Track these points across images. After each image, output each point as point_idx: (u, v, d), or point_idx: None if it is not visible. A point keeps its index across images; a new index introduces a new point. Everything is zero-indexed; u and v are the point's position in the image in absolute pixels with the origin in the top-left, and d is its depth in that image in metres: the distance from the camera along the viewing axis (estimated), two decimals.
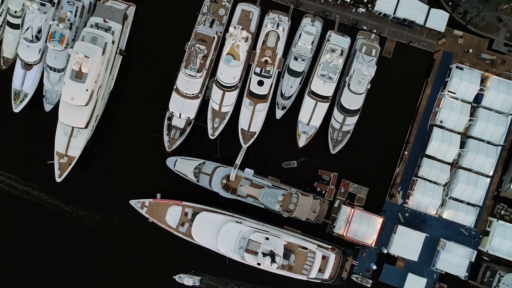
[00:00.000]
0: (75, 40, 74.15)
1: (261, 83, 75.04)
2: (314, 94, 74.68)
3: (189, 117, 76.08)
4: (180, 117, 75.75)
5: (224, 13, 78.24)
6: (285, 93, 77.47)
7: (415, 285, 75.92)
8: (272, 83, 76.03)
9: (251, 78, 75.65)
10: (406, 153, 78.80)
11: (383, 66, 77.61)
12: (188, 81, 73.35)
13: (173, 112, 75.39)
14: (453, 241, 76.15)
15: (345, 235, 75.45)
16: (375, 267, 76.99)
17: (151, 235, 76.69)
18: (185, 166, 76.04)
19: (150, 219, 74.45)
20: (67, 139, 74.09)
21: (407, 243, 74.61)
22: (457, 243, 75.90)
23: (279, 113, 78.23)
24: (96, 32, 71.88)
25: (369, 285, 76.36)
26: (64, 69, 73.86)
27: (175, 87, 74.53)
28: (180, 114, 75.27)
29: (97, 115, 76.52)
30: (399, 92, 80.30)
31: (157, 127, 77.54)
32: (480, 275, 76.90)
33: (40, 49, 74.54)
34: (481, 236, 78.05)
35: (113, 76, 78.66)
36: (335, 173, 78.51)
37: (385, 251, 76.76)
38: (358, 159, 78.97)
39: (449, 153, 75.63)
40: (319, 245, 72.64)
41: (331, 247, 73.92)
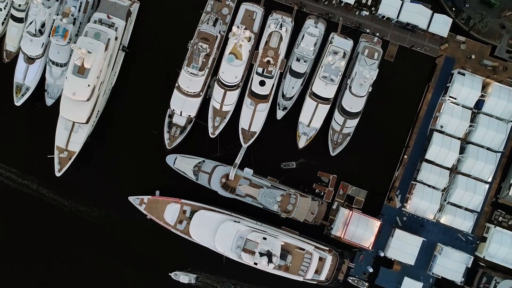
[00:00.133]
0: (78, 35, 74.26)
1: (262, 83, 75.15)
2: (315, 96, 74.78)
3: (190, 115, 76.19)
4: (181, 115, 75.85)
5: (228, 12, 78.37)
6: (286, 94, 77.56)
7: None
8: (273, 84, 76.13)
9: (253, 78, 75.75)
10: (405, 157, 78.90)
11: (385, 70, 77.79)
12: (190, 79, 73.47)
13: (174, 109, 75.49)
14: (450, 246, 76.26)
15: (342, 237, 75.53)
16: (371, 270, 77.10)
17: (149, 232, 76.83)
18: (184, 164, 76.14)
19: (148, 216, 74.56)
20: (67, 133, 74.23)
21: (404, 247, 74.70)
22: (454, 248, 75.98)
23: (280, 114, 78.34)
24: (100, 28, 72.04)
25: None
26: (66, 64, 74.08)
27: (176, 85, 74.65)
28: (181, 112, 75.38)
29: (98, 111, 76.63)
30: (400, 96, 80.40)
31: (157, 124, 77.66)
32: (476, 281, 77.04)
33: (43, 43, 74.69)
34: (478, 242, 78.12)
35: (115, 72, 78.78)
36: (334, 175, 78.64)
37: (382, 254, 76.86)
38: (357, 162, 79.08)
39: (449, 158, 75.74)
40: (316, 247, 72.78)
41: (328, 248, 74.06)
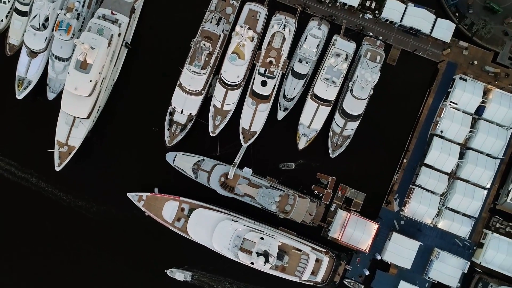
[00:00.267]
0: (81, 31, 74.33)
1: (264, 83, 75.24)
2: (316, 97, 74.86)
3: (190, 113, 76.29)
4: (182, 112, 75.94)
5: (232, 11, 78.48)
6: (287, 95, 77.66)
7: None
8: (275, 84, 76.22)
9: (254, 78, 75.85)
10: (405, 161, 78.98)
11: (387, 73, 77.83)
12: (192, 78, 73.58)
13: (175, 107, 75.60)
14: (447, 251, 76.37)
15: (339, 239, 75.63)
16: (368, 273, 77.18)
17: (147, 228, 76.91)
18: (184, 162, 76.24)
19: (146, 212, 74.69)
20: (68, 128, 74.33)
21: (401, 251, 74.78)
22: (450, 253, 76.07)
23: (280, 114, 78.43)
24: (103, 24, 72.12)
25: None
26: (69, 59, 74.14)
27: (178, 82, 74.74)
28: (182, 110, 75.47)
29: (99, 106, 76.71)
30: (402, 100, 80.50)
31: (158, 121, 77.75)
32: (472, 286, 77.14)
33: (46, 37, 74.76)
34: (475, 248, 78.22)
35: (118, 69, 78.88)
36: (333, 177, 78.73)
37: (378, 257, 76.97)
38: (357, 164, 79.19)
39: (448, 163, 75.85)
40: (313, 248, 72.88)
41: (325, 250, 74.14)
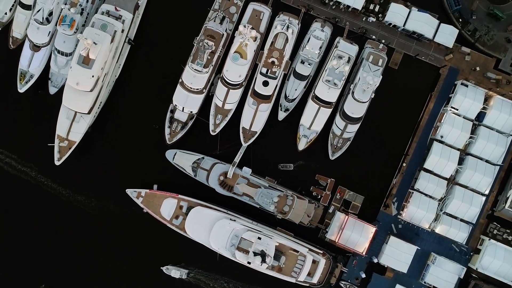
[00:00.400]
0: (85, 26, 74.43)
1: (266, 83, 75.33)
2: (317, 99, 74.95)
3: (191, 112, 76.38)
4: (183, 110, 76.04)
5: (235, 11, 78.57)
6: (289, 96, 77.75)
7: None
8: (277, 85, 76.32)
9: (256, 78, 75.94)
10: (404, 165, 79.06)
11: (389, 77, 77.97)
12: (194, 76, 73.66)
13: (176, 105, 75.68)
14: (444, 256, 76.45)
15: (337, 241, 75.73)
16: (364, 276, 77.26)
17: (145, 225, 76.99)
18: (184, 160, 76.34)
19: (145, 209, 74.76)
20: (69, 123, 74.45)
21: (398, 255, 74.84)
22: (447, 258, 76.17)
23: (281, 115, 78.54)
24: (107, 20, 72.21)
25: None
26: (71, 54, 74.24)
27: (180, 80, 74.83)
28: (183, 107, 75.56)
29: (100, 102, 76.82)
30: (403, 104, 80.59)
31: (159, 118, 77.83)
32: None
33: (49, 31, 74.84)
34: (472, 254, 78.28)
35: (120, 65, 78.98)
36: (332, 179, 78.83)
37: (375, 260, 77.06)
38: (356, 167, 79.28)
39: (447, 168, 75.93)
40: (310, 249, 72.95)
41: (322, 252, 74.22)
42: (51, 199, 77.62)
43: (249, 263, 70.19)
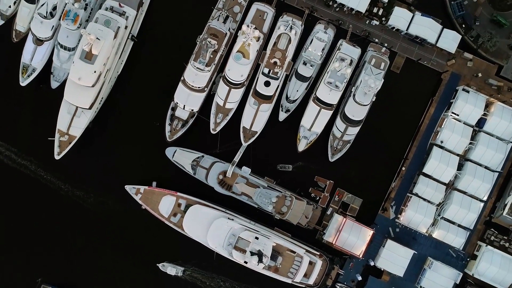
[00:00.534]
0: (88, 21, 74.56)
1: (267, 83, 75.40)
2: (319, 101, 75.02)
3: (192, 110, 76.46)
4: (184, 108, 76.11)
5: (239, 10, 78.62)
6: (290, 97, 77.81)
7: None
8: (278, 85, 76.39)
9: (258, 78, 76.01)
10: (403, 169, 79.13)
11: (390, 81, 78.08)
12: (196, 74, 73.72)
13: (177, 103, 75.75)
14: (440, 261, 76.51)
15: (334, 243, 75.80)
16: (360, 278, 77.36)
17: (143, 222, 77.01)
18: (183, 158, 76.39)
19: (143, 206, 74.83)
20: (70, 118, 74.53)
21: (395, 258, 74.96)
22: (444, 263, 76.27)
23: (282, 116, 78.60)
24: (110, 16, 72.27)
25: None
26: (74, 49, 74.31)
27: (182, 78, 74.90)
28: (184, 105, 75.63)
29: (102, 98, 76.88)
30: (403, 108, 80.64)
31: (160, 116, 77.88)
32: None
33: (53, 26, 74.87)
34: (469, 259, 78.37)
35: (122, 61, 79.04)
36: (331, 181, 78.90)
37: (372, 263, 77.14)
38: (355, 170, 79.36)
39: (446, 173, 75.99)
40: (307, 250, 73.02)
41: (319, 253, 74.30)
42: (50, 193, 77.68)
43: (246, 262, 70.26)
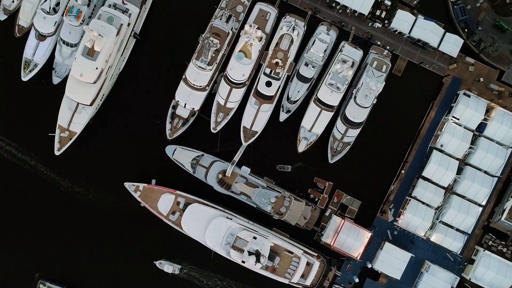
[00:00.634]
0: (91, 18, 74.58)
1: (269, 84, 75.46)
2: (320, 102, 75.08)
3: (193, 108, 76.53)
4: (185, 107, 76.19)
5: (242, 10, 78.67)
6: (291, 97, 77.88)
7: None
8: (280, 86, 76.44)
9: (260, 78, 76.06)
10: (403, 172, 79.19)
11: (392, 84, 78.14)
12: (198, 73, 73.80)
13: (178, 101, 75.83)
14: (438, 264, 76.63)
15: (332, 244, 75.89)
16: (357, 280, 77.45)
17: (141, 219, 77.10)
18: (183, 156, 76.46)
19: (142, 203, 74.86)
20: (71, 114, 74.58)
21: (392, 261, 75.04)
22: (441, 267, 76.32)
23: (282, 116, 78.66)
24: (113, 13, 72.34)
25: None
26: (77, 45, 74.34)
27: (183, 77, 74.98)
28: (185, 104, 75.72)
29: (103, 94, 76.92)
30: (404, 111, 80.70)
31: (161, 114, 77.95)
32: None
33: (56, 21, 74.94)
34: (466, 264, 78.46)
35: (124, 58, 79.08)
36: (330, 183, 78.97)
37: (369, 265, 77.21)
38: (354, 172, 79.42)
39: (445, 177, 76.06)
40: (305, 251, 73.08)
41: (316, 254, 74.35)
42: (49, 188, 77.75)
43: (243, 262, 70.30)
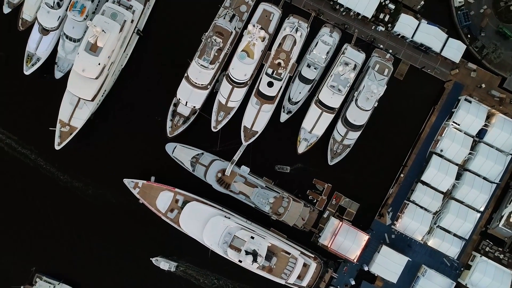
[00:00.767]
0: (95, 13, 74.63)
1: (271, 84, 75.52)
2: (321, 104, 75.15)
3: (194, 106, 76.59)
4: (186, 105, 76.25)
5: (246, 10, 78.67)
6: (292, 98, 77.92)
7: None
8: (281, 86, 76.48)
9: (261, 78, 76.11)
10: (402, 175, 79.25)
11: (393, 87, 78.10)
12: (200, 71, 73.88)
13: (180, 99, 75.90)
14: (434, 269, 76.67)
15: (329, 246, 75.95)
16: (353, 283, 77.48)
17: (140, 216, 77.21)
18: (183, 154, 76.54)
19: (141, 200, 74.95)
20: (72, 109, 74.66)
21: (389, 264, 75.10)
22: (437, 272, 76.40)
23: (283, 117, 78.71)
24: (117, 9, 72.31)
25: None
26: (80, 40, 74.44)
27: (186, 75, 75.04)
28: (187, 102, 75.78)
29: (105, 90, 76.96)
30: (405, 115, 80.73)
31: (162, 111, 77.98)
32: None
33: (59, 16, 74.96)
34: (463, 269, 78.54)
35: (127, 55, 79.14)
36: (329, 184, 79.04)
37: (366, 268, 77.28)
38: (354, 174, 79.46)
39: (444, 182, 76.11)
40: (302, 252, 73.15)
41: (313, 256, 74.44)
42: (49, 183, 77.82)
43: (240, 261, 70.41)
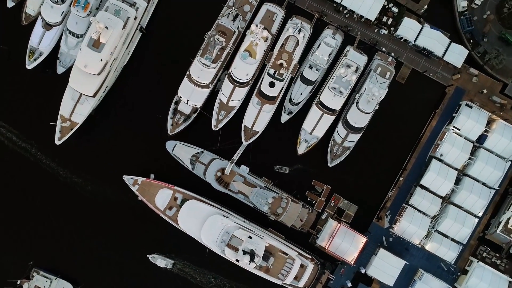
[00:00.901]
0: (99, 9, 74.68)
1: (272, 84, 75.57)
2: (322, 105, 75.20)
3: (196, 105, 76.63)
4: (187, 103, 76.30)
5: (249, 9, 78.78)
6: (294, 99, 77.99)
7: None
8: (283, 87, 76.54)
9: (263, 78, 76.17)
10: (401, 179, 79.29)
11: (395, 91, 78.22)
12: (202, 70, 73.94)
13: (181, 97, 75.95)
14: (431, 273, 76.65)
15: (327, 248, 75.98)
16: (350, 285, 77.54)
17: (138, 213, 77.25)
18: (183, 152, 76.60)
19: (140, 197, 74.99)
20: (73, 104, 74.71)
21: (386, 267, 75.13)
22: (434, 276, 76.39)
23: (284, 117, 78.78)
24: (121, 5, 72.48)
25: None
26: (83, 36, 74.49)
27: (187, 73, 75.11)
28: (188, 100, 75.83)
29: (106, 86, 77.03)
30: (406, 118, 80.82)
31: (163, 109, 78.03)
32: None
33: (63, 11, 75.07)
34: (459, 274, 78.56)
35: (129, 52, 79.21)
36: (328, 186, 79.09)
37: (363, 271, 77.32)
38: (353, 176, 79.54)
39: (443, 187, 76.16)
40: (299, 253, 73.19)
41: (311, 257, 74.48)
42: (48, 178, 77.87)
43: (237, 260, 70.42)
